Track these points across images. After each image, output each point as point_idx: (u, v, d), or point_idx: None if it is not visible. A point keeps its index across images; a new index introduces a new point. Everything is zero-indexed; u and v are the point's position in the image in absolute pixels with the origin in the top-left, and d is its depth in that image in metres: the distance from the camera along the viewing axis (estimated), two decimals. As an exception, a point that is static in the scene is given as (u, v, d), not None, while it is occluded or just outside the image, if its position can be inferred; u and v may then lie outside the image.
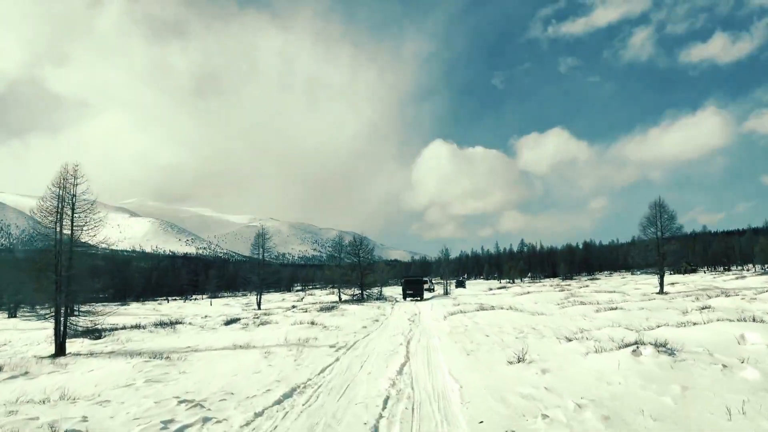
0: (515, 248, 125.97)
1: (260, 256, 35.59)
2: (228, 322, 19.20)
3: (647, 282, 48.53)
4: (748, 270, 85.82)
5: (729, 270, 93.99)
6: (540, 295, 30.38)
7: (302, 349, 11.32)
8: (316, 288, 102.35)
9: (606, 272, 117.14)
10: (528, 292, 33.50)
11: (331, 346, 11.84)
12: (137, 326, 17.21)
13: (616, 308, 15.95)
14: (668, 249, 28.79)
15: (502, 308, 19.32)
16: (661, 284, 28.73)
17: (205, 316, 23.81)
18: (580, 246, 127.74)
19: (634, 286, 35.68)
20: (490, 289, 50.85)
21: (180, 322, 18.07)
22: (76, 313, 12.87)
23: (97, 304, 14.19)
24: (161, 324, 17.43)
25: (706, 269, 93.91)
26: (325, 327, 15.85)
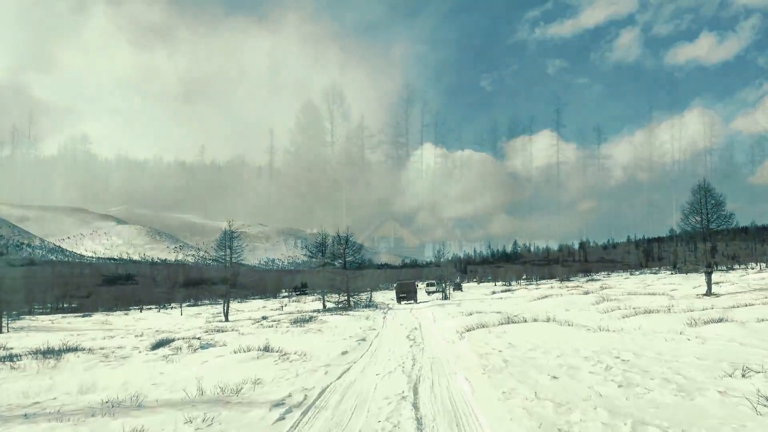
0: (508, 250, 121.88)
1: (227, 257, 29.97)
2: (156, 345, 13.72)
3: (665, 281, 43.78)
4: (752, 269, 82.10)
5: (732, 269, 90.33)
6: (562, 300, 25.22)
7: (216, 416, 5.93)
8: (304, 293, 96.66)
9: (603, 273, 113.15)
10: (545, 296, 28.28)
11: (277, 405, 6.47)
12: (9, 357, 11.63)
13: (721, 320, 10.62)
14: (719, 242, 23.73)
15: (536, 320, 14.03)
16: (709, 284, 23.76)
17: (141, 334, 18.24)
18: (576, 246, 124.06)
19: (670, 287, 30.66)
20: (494, 293, 45.53)
21: (77, 349, 12.49)
22: None
23: None
24: (46, 352, 11.87)
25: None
26: (283, 355, 10.43)
